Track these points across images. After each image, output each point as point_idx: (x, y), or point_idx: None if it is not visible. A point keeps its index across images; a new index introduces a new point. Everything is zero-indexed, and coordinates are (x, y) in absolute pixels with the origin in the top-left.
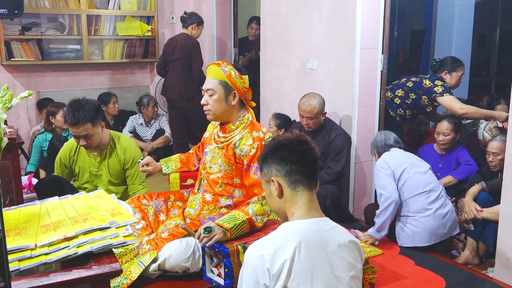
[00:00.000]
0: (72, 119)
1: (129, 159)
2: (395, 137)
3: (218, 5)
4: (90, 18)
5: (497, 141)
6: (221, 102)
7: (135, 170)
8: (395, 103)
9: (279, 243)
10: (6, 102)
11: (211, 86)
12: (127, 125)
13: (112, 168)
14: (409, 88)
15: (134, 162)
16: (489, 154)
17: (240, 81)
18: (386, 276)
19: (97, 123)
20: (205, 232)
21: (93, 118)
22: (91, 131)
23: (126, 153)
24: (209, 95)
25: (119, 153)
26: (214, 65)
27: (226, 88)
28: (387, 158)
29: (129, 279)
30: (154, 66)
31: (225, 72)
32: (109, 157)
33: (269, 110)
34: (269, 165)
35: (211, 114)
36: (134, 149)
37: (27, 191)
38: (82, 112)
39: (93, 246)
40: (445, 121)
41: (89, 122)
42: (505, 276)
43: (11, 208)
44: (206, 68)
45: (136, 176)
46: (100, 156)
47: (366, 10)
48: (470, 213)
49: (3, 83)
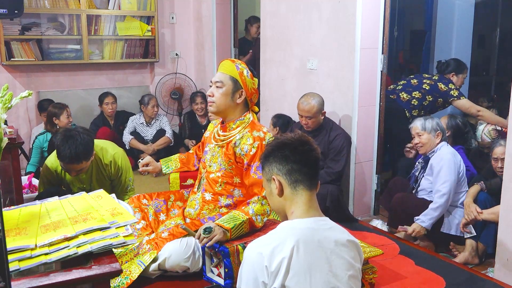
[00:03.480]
0: (69, 157)
1: (115, 172)
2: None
3: (218, 5)
4: (90, 18)
5: (503, 146)
6: (227, 97)
7: (122, 180)
8: (412, 104)
9: (277, 241)
10: (6, 102)
11: (220, 79)
12: (128, 126)
13: (100, 182)
14: (426, 91)
15: (119, 174)
16: (497, 160)
17: (250, 81)
18: (386, 276)
19: (90, 156)
20: (205, 232)
21: (88, 152)
22: (85, 165)
23: (111, 167)
24: (216, 86)
25: (106, 168)
26: (228, 60)
27: (236, 85)
28: (453, 152)
29: (129, 279)
30: (154, 66)
31: (238, 69)
32: (96, 171)
33: (269, 110)
34: (271, 164)
35: (215, 106)
36: (120, 161)
37: (27, 191)
38: (82, 150)
39: (93, 246)
40: (446, 118)
41: (84, 159)
42: (505, 276)
43: (11, 208)
44: (220, 63)
45: (123, 186)
46: (86, 174)
47: (366, 10)
48: (470, 215)
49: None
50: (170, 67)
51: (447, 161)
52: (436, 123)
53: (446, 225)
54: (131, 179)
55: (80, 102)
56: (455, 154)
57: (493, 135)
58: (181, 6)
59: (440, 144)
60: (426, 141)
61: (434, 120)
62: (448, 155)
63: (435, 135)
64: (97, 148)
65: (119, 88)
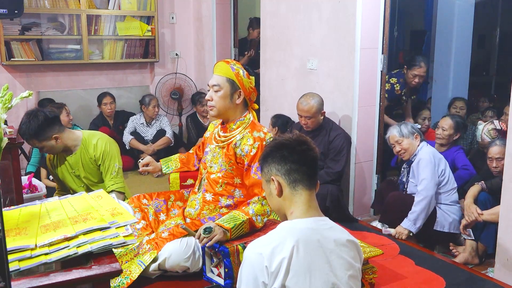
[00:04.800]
0: (21, 133)
1: (99, 155)
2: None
3: (218, 5)
4: (90, 18)
5: (498, 146)
6: (226, 99)
7: (106, 165)
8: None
9: (277, 241)
10: (6, 102)
11: (217, 82)
12: (128, 127)
13: (87, 167)
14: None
15: (103, 157)
16: (491, 160)
17: (247, 81)
18: (386, 276)
19: (45, 138)
20: (205, 233)
21: (37, 133)
22: (40, 145)
23: (95, 149)
24: (214, 90)
25: (90, 150)
26: (223, 62)
27: (233, 86)
28: (432, 151)
29: (129, 279)
30: (154, 66)
31: (233, 70)
32: (82, 157)
33: (269, 110)
34: (269, 165)
35: (215, 110)
36: (104, 144)
37: (27, 191)
38: (33, 130)
39: (93, 246)
40: (448, 118)
41: (33, 138)
42: (505, 276)
43: (11, 208)
44: (215, 65)
45: (107, 172)
46: (74, 157)
47: (366, 10)
48: (471, 216)
49: (3, 83)
50: (170, 67)
51: (424, 161)
52: (411, 126)
53: (440, 224)
54: (117, 165)
55: (80, 102)
56: (434, 153)
57: (493, 135)
58: (181, 6)
59: (419, 146)
60: (407, 146)
61: (408, 124)
62: (426, 155)
63: (413, 138)
64: (85, 134)
65: (119, 88)
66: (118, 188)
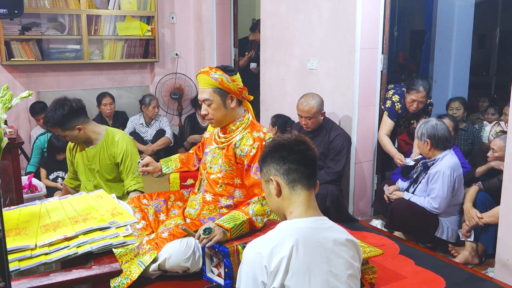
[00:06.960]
0: (46, 121)
1: (119, 153)
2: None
3: (218, 5)
4: (90, 18)
5: (501, 140)
6: (221, 108)
7: (127, 165)
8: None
9: (276, 241)
10: (6, 102)
11: (207, 96)
12: (127, 127)
13: (103, 162)
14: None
15: (125, 157)
16: (494, 151)
17: (233, 84)
18: (386, 276)
19: (68, 127)
20: (205, 233)
21: (61, 122)
22: (63, 134)
23: (116, 147)
24: (207, 105)
25: (110, 147)
26: (202, 74)
27: (222, 93)
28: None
29: (129, 279)
30: (154, 66)
31: (216, 79)
32: (101, 151)
33: (269, 110)
34: (268, 165)
35: (215, 122)
36: (126, 144)
37: (27, 191)
38: (51, 116)
39: (93, 246)
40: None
41: (57, 126)
42: (505, 276)
43: (11, 208)
44: (197, 78)
45: (128, 171)
46: (93, 150)
47: (366, 10)
48: (472, 220)
49: (3, 83)
50: (170, 67)
51: (442, 176)
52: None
53: (440, 231)
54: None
55: None
56: (454, 167)
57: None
58: (181, 6)
59: (443, 153)
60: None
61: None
62: (447, 170)
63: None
64: (109, 130)
65: (119, 88)
66: (139, 188)
